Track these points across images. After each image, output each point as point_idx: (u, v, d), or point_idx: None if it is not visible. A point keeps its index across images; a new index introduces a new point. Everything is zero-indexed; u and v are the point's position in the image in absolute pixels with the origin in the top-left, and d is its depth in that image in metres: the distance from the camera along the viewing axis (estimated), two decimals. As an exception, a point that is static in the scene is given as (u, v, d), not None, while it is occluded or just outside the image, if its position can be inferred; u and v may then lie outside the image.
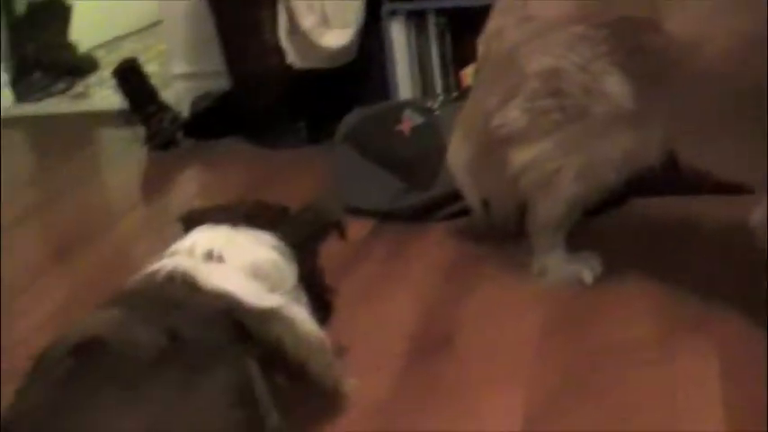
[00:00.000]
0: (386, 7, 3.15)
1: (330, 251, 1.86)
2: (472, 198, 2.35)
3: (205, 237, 1.64)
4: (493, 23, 2.16)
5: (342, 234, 1.81)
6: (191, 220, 1.75)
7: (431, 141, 2.58)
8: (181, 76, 3.87)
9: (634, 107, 1.99)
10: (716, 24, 1.85)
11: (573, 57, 2.00)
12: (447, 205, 2.53)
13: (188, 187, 3.44)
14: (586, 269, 2.18)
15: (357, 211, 2.60)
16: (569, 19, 2.00)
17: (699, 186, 2.43)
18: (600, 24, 1.97)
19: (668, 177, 2.26)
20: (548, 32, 2.03)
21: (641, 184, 2.25)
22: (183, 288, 1.52)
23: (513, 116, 2.09)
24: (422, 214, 2.58)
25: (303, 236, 1.73)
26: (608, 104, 2.00)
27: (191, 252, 1.61)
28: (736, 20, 1.83)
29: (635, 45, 1.95)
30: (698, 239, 2.35)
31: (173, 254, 1.63)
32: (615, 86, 1.99)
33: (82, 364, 1.35)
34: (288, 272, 1.66)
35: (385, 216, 2.61)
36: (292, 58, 3.23)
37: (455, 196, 2.43)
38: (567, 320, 2.05)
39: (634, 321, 2.01)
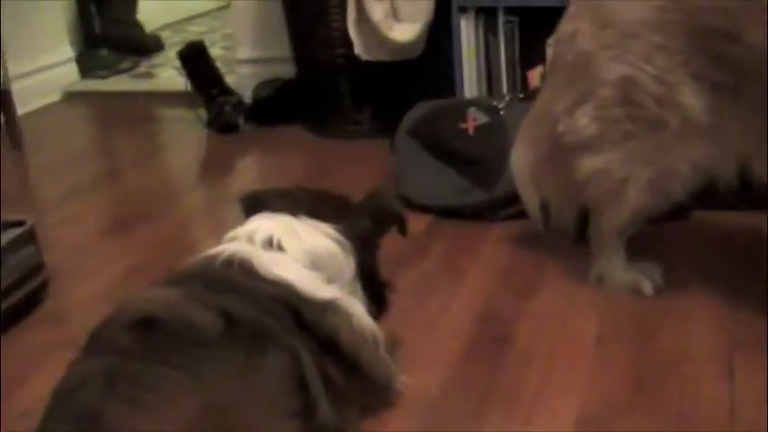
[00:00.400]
0: (456, 3, 3.13)
1: (388, 245, 1.85)
2: (531, 202, 2.32)
3: (265, 224, 1.64)
4: (567, 26, 2.12)
5: (403, 230, 1.80)
6: (251, 202, 1.74)
7: (495, 141, 2.56)
8: (246, 61, 3.88)
9: (709, 120, 1.95)
10: None
11: (649, 67, 1.96)
12: (508, 206, 2.51)
13: (247, 172, 3.45)
14: (646, 279, 2.15)
15: (417, 206, 2.59)
16: (648, 27, 1.96)
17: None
18: (679, 34, 1.93)
19: (737, 192, 2.21)
20: (624, 40, 1.99)
21: (708, 196, 2.21)
22: (241, 273, 1.52)
23: (583, 123, 2.06)
24: (482, 214, 2.56)
25: (364, 229, 1.72)
26: (682, 116, 1.96)
27: (250, 238, 1.61)
28: None
29: (713, 56, 1.91)
30: (760, 255, 2.31)
31: (232, 239, 1.63)
32: (690, 98, 1.95)
33: (138, 340, 1.35)
34: (346, 264, 1.65)
35: (445, 213, 2.60)
36: (359, 49, 3.22)
37: (517, 198, 2.40)
38: (624, 329, 2.02)
39: (693, 335, 1.98)
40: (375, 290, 1.79)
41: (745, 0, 1.86)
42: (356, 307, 1.61)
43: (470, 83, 3.18)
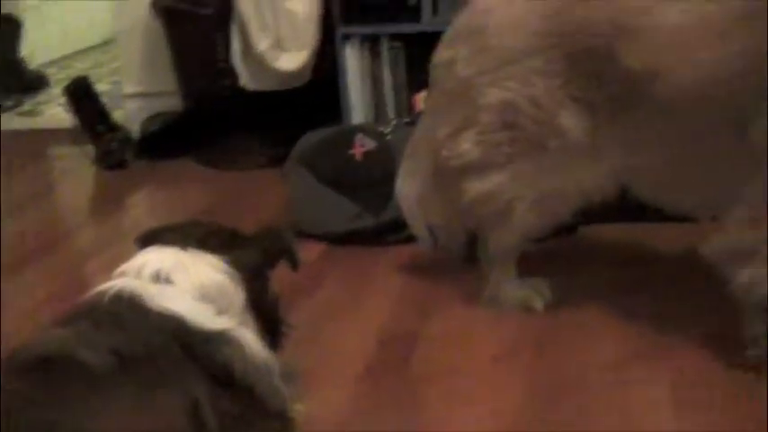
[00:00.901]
0: (340, 31, 3.16)
1: (284, 274, 1.84)
2: (418, 227, 2.34)
3: (154, 258, 1.62)
4: (445, 52, 2.15)
5: (293, 263, 1.80)
6: (147, 241, 1.73)
7: (383, 166, 2.58)
8: (133, 96, 3.84)
9: (589, 141, 2.01)
10: (674, 58, 1.87)
11: (528, 90, 2.00)
12: (399, 230, 2.52)
13: (139, 208, 3.41)
14: (537, 296, 2.19)
15: (310, 235, 2.60)
16: (525, 52, 2.00)
17: (647, 214, 2.45)
18: (556, 57, 1.98)
19: (618, 205, 2.28)
20: (503, 65, 2.03)
21: (592, 211, 2.26)
22: (131, 309, 1.50)
23: (466, 148, 2.09)
24: (374, 238, 2.58)
25: (253, 261, 1.72)
26: (562, 138, 2.01)
27: (139, 273, 1.59)
28: (695, 54, 1.85)
29: (591, 78, 1.96)
30: (649, 266, 2.38)
31: (121, 274, 1.61)
32: (569, 120, 2.00)
33: (30, 382, 1.32)
34: (236, 295, 1.64)
35: (338, 240, 2.61)
36: (245, 80, 3.22)
37: (401, 223, 2.44)
38: (519, 346, 2.06)
39: (588, 347, 2.03)
40: (268, 320, 1.78)
41: (617, 21, 1.92)
42: (248, 337, 1.60)
43: (358, 109, 3.21)
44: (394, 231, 2.55)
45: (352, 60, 3.18)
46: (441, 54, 2.17)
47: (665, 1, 1.89)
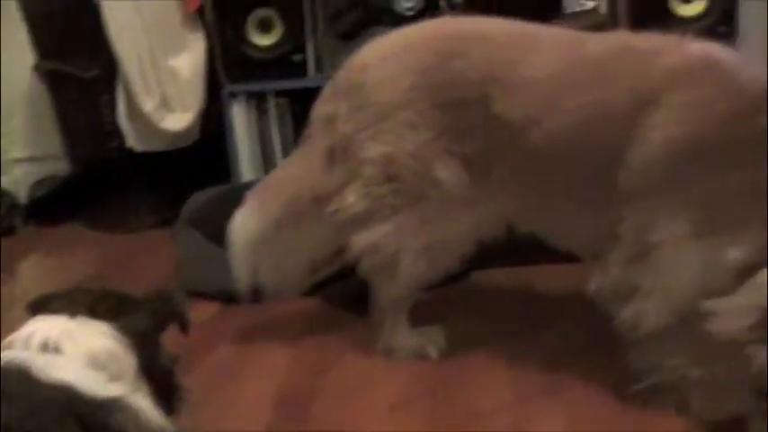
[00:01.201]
0: (226, 89, 3.17)
1: (179, 336, 1.83)
2: (244, 267, 2.30)
3: (41, 327, 1.60)
4: (325, 108, 2.19)
5: (183, 326, 1.80)
6: (37, 308, 1.70)
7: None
8: (19, 161, 3.78)
9: (468, 190, 2.06)
10: (544, 107, 1.95)
11: (404, 144, 2.05)
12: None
13: (29, 274, 3.34)
14: (430, 344, 2.22)
15: (203, 294, 2.58)
16: (399, 106, 2.05)
17: (537, 256, 2.51)
18: (428, 110, 2.03)
19: (508, 249, 2.33)
20: (379, 120, 2.07)
21: (482, 256, 2.31)
22: (19, 381, 1.48)
23: (351, 201, 2.12)
24: (264, 296, 2.54)
25: (143, 326, 1.70)
26: (441, 190, 2.06)
27: (26, 343, 1.56)
28: (563, 102, 1.93)
29: (465, 128, 2.02)
30: (540, 307, 2.43)
31: (9, 345, 1.58)
32: (446, 171, 2.05)
33: None
34: (127, 361, 1.63)
35: (230, 298, 2.59)
36: (133, 141, 3.21)
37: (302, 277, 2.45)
38: (415, 394, 2.08)
39: (482, 392, 2.05)
40: (163, 384, 1.77)
41: (488, 72, 1.99)
42: (142, 403, 1.58)
43: (247, 166, 3.21)
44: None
45: (240, 118, 3.19)
46: (320, 109, 2.20)
47: (532, 54, 1.98)
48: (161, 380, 1.74)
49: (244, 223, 2.28)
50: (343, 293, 2.51)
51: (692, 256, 1.81)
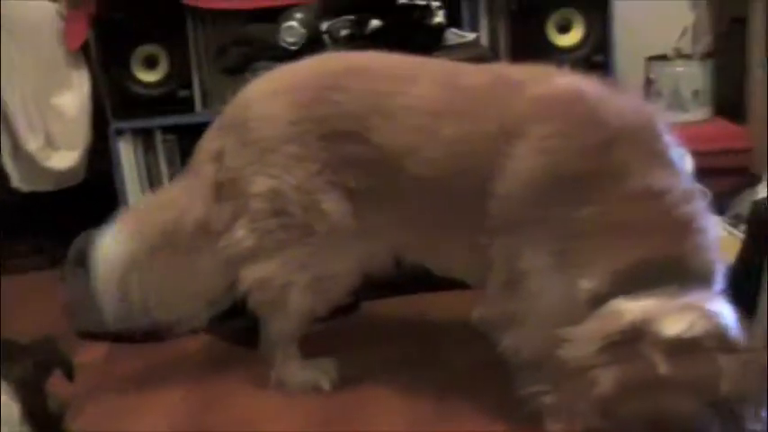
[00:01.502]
0: (112, 126, 3.15)
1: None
2: (109, 295, 2.24)
3: None
4: (212, 144, 2.20)
5: (68, 374, 1.78)
6: None
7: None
8: None
9: (355, 223, 2.09)
10: (420, 136, 1.99)
11: (290, 177, 2.07)
12: (184, 323, 2.51)
13: None
14: (323, 376, 2.23)
15: (92, 335, 2.55)
16: (283, 140, 2.07)
17: (428, 284, 2.55)
18: (312, 143, 2.06)
19: (398, 278, 2.36)
20: (265, 154, 2.09)
21: (372, 286, 2.33)
22: None
23: (240, 236, 2.13)
24: (155, 334, 2.54)
25: (25, 373, 1.69)
26: (327, 223, 2.08)
27: None
28: (438, 132, 1.97)
29: (349, 160, 2.05)
30: (432, 335, 2.47)
31: None
32: (331, 205, 2.07)
33: None
34: (11, 409, 1.61)
35: (120, 338, 2.57)
36: (17, 181, 3.16)
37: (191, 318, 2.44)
38: (315, 425, 2.09)
39: (375, 424, 2.07)
40: (52, 429, 1.75)
41: (368, 103, 2.02)
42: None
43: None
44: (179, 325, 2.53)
45: (127, 155, 3.17)
46: (207, 144, 2.21)
47: (410, 84, 2.02)
48: (48, 426, 1.73)
49: (110, 246, 2.21)
50: (235, 328, 2.50)
51: (554, 286, 1.86)
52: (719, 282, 1.80)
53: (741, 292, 2.00)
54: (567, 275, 1.82)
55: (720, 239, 2.74)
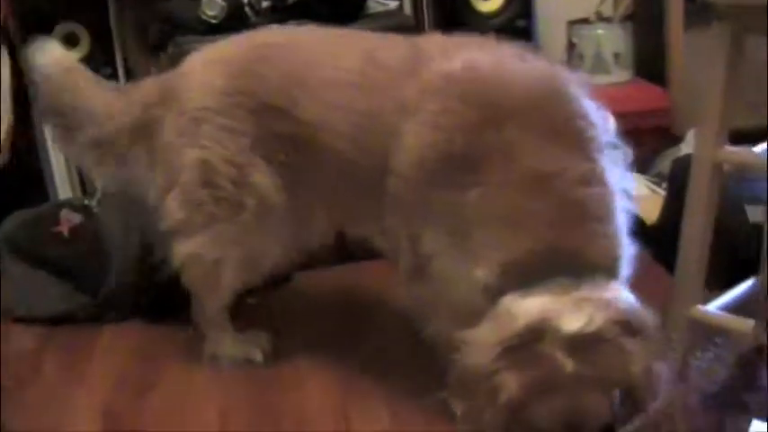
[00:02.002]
0: (37, 107, 3.10)
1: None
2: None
3: None
4: (144, 115, 2.18)
5: None
6: None
7: (92, 240, 2.56)
8: None
9: (285, 198, 2.08)
10: (336, 109, 1.98)
11: (221, 149, 2.06)
12: (118, 305, 2.51)
13: None
14: (256, 349, 2.24)
15: (24, 319, 2.53)
16: (215, 111, 2.07)
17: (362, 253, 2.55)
18: (244, 116, 2.05)
19: (331, 248, 2.37)
20: (196, 125, 2.08)
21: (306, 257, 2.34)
22: None
23: (172, 208, 2.13)
24: (92, 316, 2.53)
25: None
26: (258, 197, 2.07)
27: None
28: (352, 105, 1.96)
29: (278, 133, 2.04)
30: (366, 305, 2.48)
31: None
32: (261, 178, 2.07)
33: None
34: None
35: (54, 321, 2.54)
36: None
37: (124, 296, 2.43)
38: (244, 400, 2.10)
39: (309, 395, 2.09)
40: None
41: (291, 77, 2.03)
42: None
43: (64, 184, 3.15)
44: (113, 308, 2.52)
45: (51, 134, 3.12)
46: (144, 93, 2.21)
47: (330, 57, 2.02)
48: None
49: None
50: (169, 305, 2.50)
51: (455, 272, 1.80)
52: (625, 267, 1.74)
53: (664, 248, 2.06)
54: (466, 263, 1.76)
55: (645, 198, 2.84)
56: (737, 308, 2.03)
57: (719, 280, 2.14)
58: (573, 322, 1.59)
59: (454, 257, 1.80)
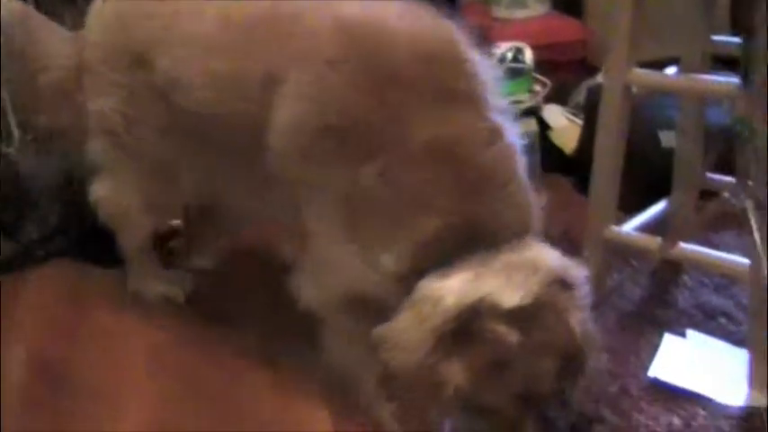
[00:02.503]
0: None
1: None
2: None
3: None
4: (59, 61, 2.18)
5: None
6: None
7: (9, 185, 2.52)
8: None
9: (172, 151, 2.01)
10: (193, 67, 1.85)
11: (108, 101, 2.05)
12: (44, 250, 2.49)
13: None
14: (177, 288, 2.26)
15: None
16: (100, 62, 2.06)
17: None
18: (120, 68, 2.02)
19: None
20: (92, 77, 2.09)
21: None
22: None
23: (90, 149, 2.13)
24: (16, 262, 2.49)
25: None
26: (145, 148, 2.05)
27: None
28: (209, 65, 1.82)
29: (148, 88, 1.97)
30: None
31: None
32: (145, 131, 2.03)
33: None
34: None
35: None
36: None
37: (45, 240, 2.43)
38: (175, 335, 2.11)
39: (233, 331, 2.11)
40: None
41: (158, 32, 1.94)
42: None
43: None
44: (38, 253, 2.49)
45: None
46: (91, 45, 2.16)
47: (191, 13, 1.89)
48: None
49: None
50: (97, 246, 2.48)
51: (343, 254, 1.65)
52: (535, 221, 1.62)
53: (582, 176, 2.10)
54: (360, 245, 1.61)
55: (564, 128, 2.89)
56: (650, 228, 2.08)
57: (636, 203, 2.19)
58: (511, 295, 1.47)
59: (347, 241, 1.63)
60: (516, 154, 1.63)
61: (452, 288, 1.48)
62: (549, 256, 1.55)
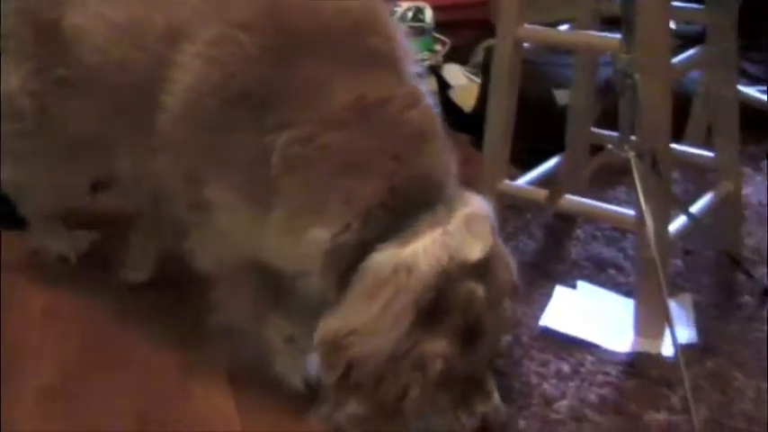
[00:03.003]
0: None
1: None
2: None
3: None
4: None
5: None
6: None
7: None
8: None
9: (82, 123, 1.91)
10: (98, 17, 1.75)
11: (14, 79, 1.94)
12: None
13: None
14: (71, 247, 2.25)
15: None
16: (7, 34, 1.94)
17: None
18: (29, 37, 1.91)
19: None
20: (5, 55, 1.96)
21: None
22: None
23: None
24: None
25: None
26: (61, 125, 1.95)
27: None
28: (113, 9, 1.72)
29: (58, 54, 1.86)
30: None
31: None
32: (57, 107, 1.93)
33: None
34: None
35: None
36: None
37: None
38: (68, 295, 2.10)
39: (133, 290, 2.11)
40: None
41: None
42: None
43: None
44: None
45: None
46: None
47: None
48: None
49: None
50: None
51: (242, 224, 1.59)
52: (454, 175, 1.59)
53: (480, 133, 2.13)
54: (284, 221, 1.52)
55: (464, 87, 2.93)
56: (544, 183, 2.12)
57: (534, 161, 2.23)
58: (473, 248, 1.44)
59: (243, 208, 1.57)
60: (435, 115, 1.61)
61: (423, 253, 1.41)
62: (479, 203, 1.54)
